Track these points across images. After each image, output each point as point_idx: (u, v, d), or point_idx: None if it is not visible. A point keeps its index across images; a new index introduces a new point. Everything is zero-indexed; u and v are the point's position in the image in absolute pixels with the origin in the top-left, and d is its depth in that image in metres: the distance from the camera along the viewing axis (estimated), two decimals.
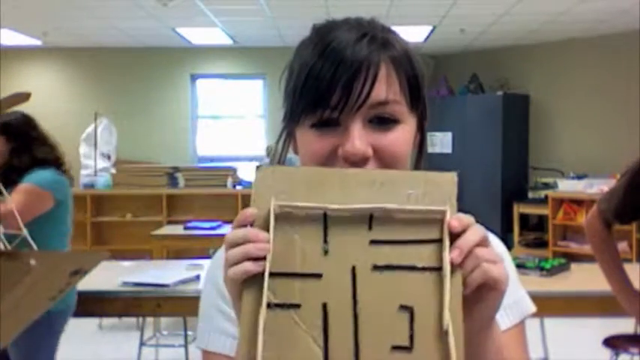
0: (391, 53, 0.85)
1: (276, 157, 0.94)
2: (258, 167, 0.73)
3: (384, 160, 0.84)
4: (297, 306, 0.69)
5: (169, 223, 6.80)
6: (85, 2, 6.36)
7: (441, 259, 0.70)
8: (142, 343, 4.33)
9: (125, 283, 3.23)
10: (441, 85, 8.80)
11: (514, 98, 8.34)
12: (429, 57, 8.95)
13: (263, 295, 0.68)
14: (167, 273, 3.41)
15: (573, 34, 7.78)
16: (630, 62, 7.43)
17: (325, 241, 0.71)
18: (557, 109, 8.26)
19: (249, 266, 0.69)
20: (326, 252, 0.70)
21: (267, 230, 0.70)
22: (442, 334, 0.68)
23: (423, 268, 0.70)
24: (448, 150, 8.43)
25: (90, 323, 5.35)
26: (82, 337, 5.20)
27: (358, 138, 0.82)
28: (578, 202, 7.09)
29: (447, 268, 0.69)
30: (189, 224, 5.55)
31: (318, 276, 0.70)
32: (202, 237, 5.26)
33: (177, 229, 5.53)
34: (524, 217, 7.91)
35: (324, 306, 0.69)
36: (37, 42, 8.35)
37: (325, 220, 0.71)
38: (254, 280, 0.69)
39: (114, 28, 7.65)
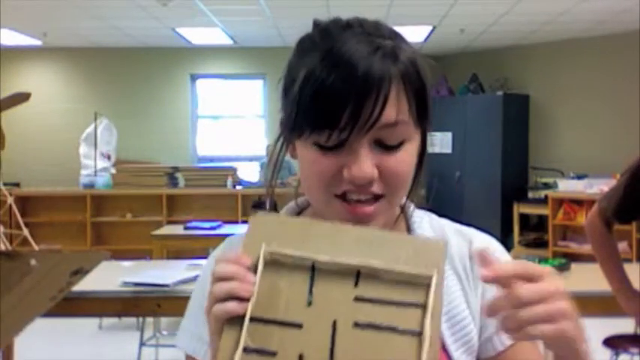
0: (400, 67, 0.82)
1: (274, 157, 0.94)
2: (253, 215, 0.75)
3: (388, 180, 0.83)
4: (274, 354, 0.69)
5: (169, 223, 6.80)
6: (85, 2, 6.36)
7: (423, 323, 0.69)
8: (142, 343, 4.32)
9: (125, 283, 3.22)
10: (441, 85, 8.80)
11: (514, 98, 8.34)
12: (429, 57, 8.94)
13: (241, 338, 0.68)
14: (167, 273, 3.41)
15: (573, 34, 7.78)
16: (630, 62, 7.43)
17: (310, 292, 0.71)
18: (557, 109, 8.25)
19: (233, 307, 0.69)
20: (310, 303, 0.71)
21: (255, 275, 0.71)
22: None
23: (404, 331, 0.70)
24: (448, 150, 8.42)
25: (90, 323, 5.35)
26: (82, 337, 5.20)
27: (365, 162, 0.81)
28: (578, 202, 7.09)
29: (427, 334, 0.69)
30: (190, 224, 5.55)
31: (299, 326, 0.70)
32: (202, 237, 5.26)
33: (177, 229, 5.53)
34: (524, 217, 7.90)
35: (300, 357, 0.69)
36: (37, 42, 8.34)
37: (313, 271, 0.71)
38: (235, 321, 0.69)
39: (114, 28, 7.65)
